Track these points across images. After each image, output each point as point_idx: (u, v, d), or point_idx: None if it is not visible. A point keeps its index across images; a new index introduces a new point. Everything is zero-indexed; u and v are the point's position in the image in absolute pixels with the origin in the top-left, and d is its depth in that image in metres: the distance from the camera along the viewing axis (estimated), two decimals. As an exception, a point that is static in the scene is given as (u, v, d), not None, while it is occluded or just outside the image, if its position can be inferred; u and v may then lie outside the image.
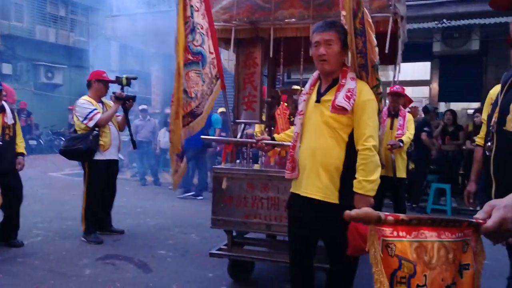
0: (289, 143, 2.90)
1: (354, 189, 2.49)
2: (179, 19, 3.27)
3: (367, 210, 1.12)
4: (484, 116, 3.54)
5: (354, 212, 1.11)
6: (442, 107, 10.81)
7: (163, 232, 5.65)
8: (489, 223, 1.20)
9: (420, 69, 11.18)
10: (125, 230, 5.54)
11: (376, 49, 2.66)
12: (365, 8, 2.60)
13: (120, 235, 5.39)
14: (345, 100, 2.51)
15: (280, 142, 3.07)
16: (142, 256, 4.61)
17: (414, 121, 5.76)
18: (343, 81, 2.59)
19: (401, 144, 5.28)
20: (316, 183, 2.58)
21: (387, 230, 1.13)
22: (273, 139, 3.11)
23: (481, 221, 1.23)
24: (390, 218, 1.12)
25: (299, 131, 2.71)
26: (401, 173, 5.40)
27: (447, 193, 7.69)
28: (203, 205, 7.04)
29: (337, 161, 2.55)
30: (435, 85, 10.51)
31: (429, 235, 1.19)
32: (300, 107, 2.74)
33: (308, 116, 2.67)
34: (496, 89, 3.45)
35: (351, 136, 2.56)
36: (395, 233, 1.14)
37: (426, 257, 1.18)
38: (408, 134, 5.46)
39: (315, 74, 2.78)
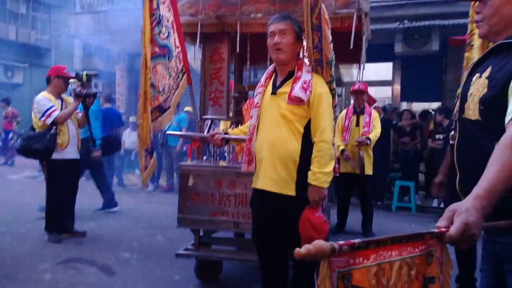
0: (244, 137, 2.89)
1: (309, 181, 2.52)
2: (145, 10, 3.19)
3: (319, 244, 1.04)
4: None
5: (304, 249, 1.03)
6: (404, 107, 11.04)
7: (127, 234, 5.51)
8: (452, 230, 1.18)
9: (382, 70, 11.40)
10: (88, 233, 5.37)
11: (331, 45, 2.72)
12: (323, 5, 2.65)
13: (82, 237, 5.21)
14: (301, 91, 2.54)
15: (234, 136, 3.04)
16: (106, 259, 4.47)
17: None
18: (299, 73, 2.62)
19: (368, 141, 5.35)
20: (272, 176, 2.59)
21: (343, 260, 1.07)
22: (226, 134, 3.07)
23: (443, 229, 1.20)
24: (345, 247, 1.06)
25: (255, 124, 2.71)
26: (368, 170, 5.47)
27: (411, 190, 7.84)
28: (169, 206, 6.88)
29: (294, 153, 2.57)
30: (397, 86, 10.73)
31: (388, 255, 1.14)
32: (256, 100, 2.76)
33: (264, 108, 2.69)
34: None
35: (306, 127, 2.59)
36: (351, 261, 1.08)
37: (384, 280, 1.14)
38: (375, 132, 5.55)
39: (271, 67, 2.81)
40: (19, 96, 17.23)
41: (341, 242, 1.06)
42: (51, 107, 4.90)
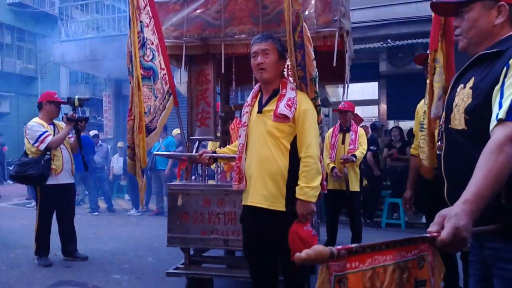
0: (231, 155, 2.93)
1: (297, 195, 2.56)
2: (133, 34, 3.26)
3: (318, 248, 1.07)
4: (415, 128, 3.79)
5: (304, 253, 1.05)
6: (392, 125, 11.16)
7: (117, 257, 5.48)
8: (443, 234, 1.21)
9: (368, 89, 11.54)
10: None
11: (314, 62, 2.78)
12: (304, 23, 2.72)
13: (75, 261, 5.17)
14: (286, 108, 2.59)
15: (222, 155, 3.07)
16: (96, 281, 4.45)
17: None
18: (284, 91, 2.68)
19: (354, 158, 5.40)
20: (262, 192, 2.63)
21: (340, 264, 1.10)
22: (214, 153, 3.10)
23: (435, 234, 1.23)
24: (343, 251, 1.09)
25: (244, 142, 2.75)
26: (354, 187, 5.49)
27: (400, 207, 7.88)
28: (159, 228, 6.88)
29: (282, 169, 2.61)
30: (383, 104, 10.84)
31: (383, 259, 1.17)
32: (244, 119, 2.81)
33: (251, 127, 2.74)
34: (421, 103, 3.74)
35: (293, 144, 2.63)
36: (348, 265, 1.11)
37: (378, 283, 1.16)
38: (361, 149, 5.58)
39: (256, 87, 2.86)
40: (6, 125, 17.18)
41: (339, 247, 1.09)
42: (44, 132, 4.93)
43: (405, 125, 11.47)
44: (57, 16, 13.56)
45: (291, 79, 2.87)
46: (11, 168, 5.15)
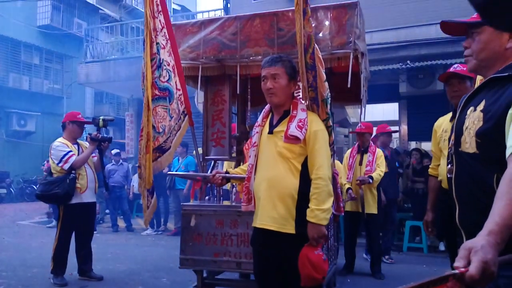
0: (243, 175, 2.91)
1: (307, 218, 2.50)
2: (146, 55, 3.33)
3: None
4: (433, 148, 3.68)
5: None
6: (413, 146, 11.01)
7: (133, 277, 5.47)
8: (472, 270, 1.15)
9: (389, 110, 11.45)
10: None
11: (326, 83, 2.78)
12: (316, 45, 2.71)
13: (90, 281, 5.17)
14: (297, 129, 2.57)
15: (235, 175, 3.04)
16: (110, 301, 4.44)
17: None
18: (294, 112, 2.65)
19: (370, 180, 5.31)
20: (271, 214, 2.58)
21: None
22: (227, 173, 3.08)
23: (463, 269, 1.17)
24: None
25: (253, 163, 2.74)
26: (372, 209, 5.40)
27: (422, 230, 7.70)
28: (176, 249, 6.84)
29: (292, 190, 2.57)
30: (404, 126, 10.74)
31: None
32: (254, 139, 2.79)
33: (262, 147, 2.72)
34: (439, 122, 3.64)
35: (304, 165, 2.60)
36: None
37: None
38: (379, 171, 5.50)
39: (267, 107, 2.84)
40: (31, 143, 17.58)
41: None
42: (68, 152, 5.01)
43: (427, 146, 11.32)
44: (83, 38, 13.94)
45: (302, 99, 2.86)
46: (36, 188, 5.22)
